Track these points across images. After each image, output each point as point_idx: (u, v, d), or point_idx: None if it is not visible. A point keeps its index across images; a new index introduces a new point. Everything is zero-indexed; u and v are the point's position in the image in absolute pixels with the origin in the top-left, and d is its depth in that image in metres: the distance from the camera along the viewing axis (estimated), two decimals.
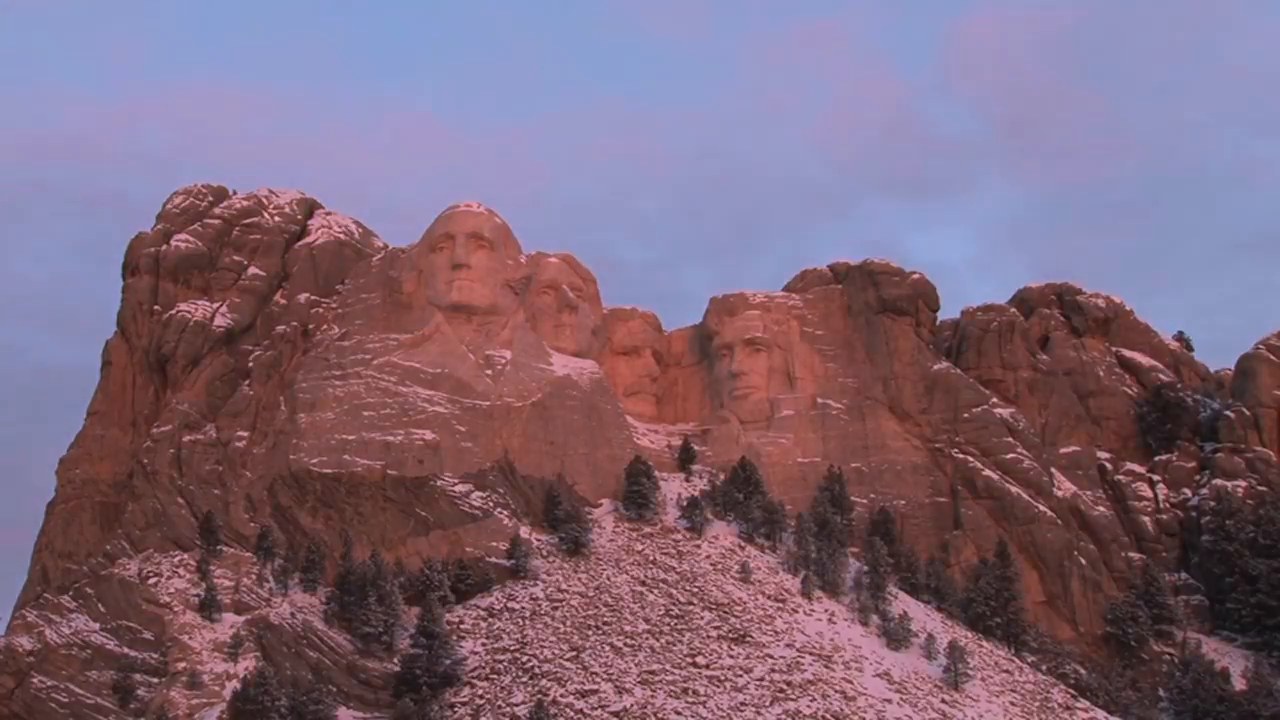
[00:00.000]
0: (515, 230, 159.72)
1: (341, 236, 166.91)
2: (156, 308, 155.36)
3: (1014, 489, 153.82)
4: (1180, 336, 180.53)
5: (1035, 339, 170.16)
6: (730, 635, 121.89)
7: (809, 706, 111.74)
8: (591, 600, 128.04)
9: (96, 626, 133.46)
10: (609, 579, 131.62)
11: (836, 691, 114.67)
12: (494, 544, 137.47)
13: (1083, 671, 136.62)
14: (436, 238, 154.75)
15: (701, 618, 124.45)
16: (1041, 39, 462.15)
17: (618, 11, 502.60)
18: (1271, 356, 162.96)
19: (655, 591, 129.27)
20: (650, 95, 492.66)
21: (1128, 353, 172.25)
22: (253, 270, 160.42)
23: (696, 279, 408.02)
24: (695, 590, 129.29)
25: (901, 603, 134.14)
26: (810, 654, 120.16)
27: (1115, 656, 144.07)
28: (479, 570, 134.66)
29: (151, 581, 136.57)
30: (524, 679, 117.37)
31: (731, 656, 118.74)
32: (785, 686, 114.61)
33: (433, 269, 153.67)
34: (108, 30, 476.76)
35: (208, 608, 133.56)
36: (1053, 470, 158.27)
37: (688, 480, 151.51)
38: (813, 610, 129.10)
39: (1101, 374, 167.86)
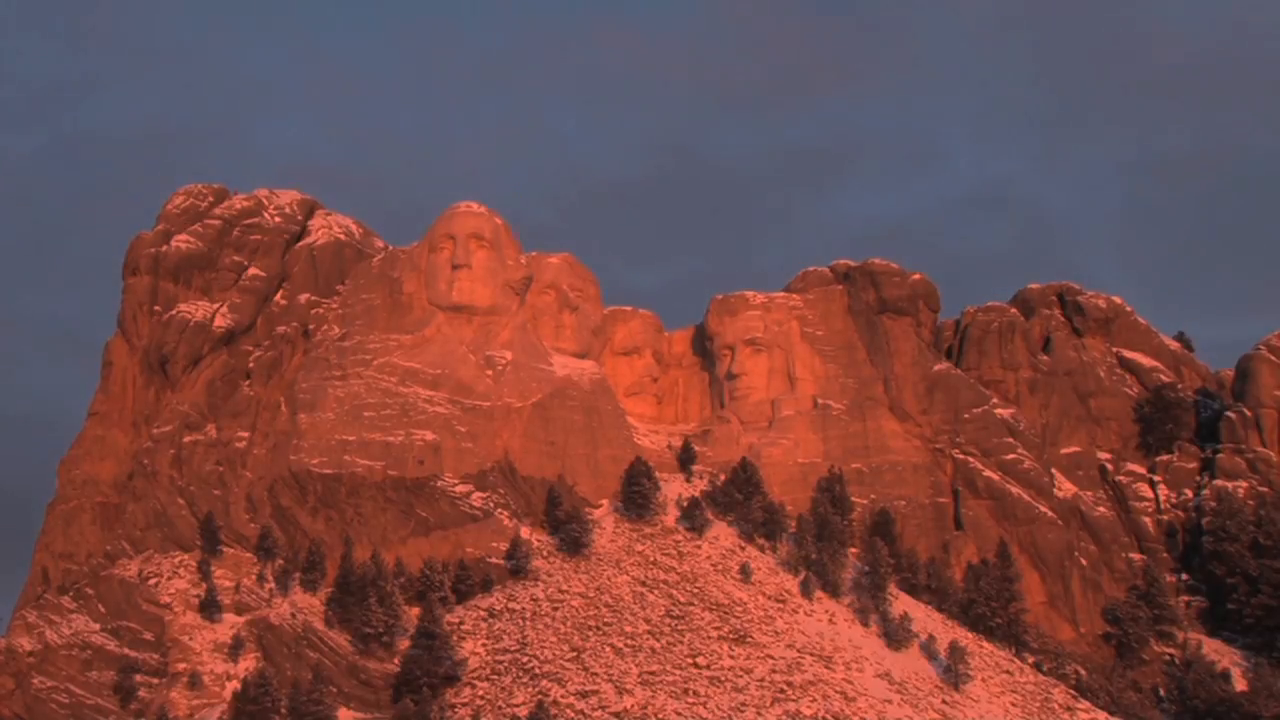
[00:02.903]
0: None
1: (342, 236, 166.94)
2: (157, 308, 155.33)
3: (1015, 489, 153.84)
4: (1181, 336, 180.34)
5: (1036, 339, 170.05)
6: (731, 636, 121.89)
7: (809, 707, 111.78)
8: (592, 601, 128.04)
9: (97, 627, 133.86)
10: (609, 580, 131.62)
11: (837, 692, 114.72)
12: (494, 544, 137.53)
13: (1083, 672, 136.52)
14: (437, 238, 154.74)
15: (702, 618, 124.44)
16: None
17: None
18: (1272, 357, 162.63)
19: (656, 592, 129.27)
20: None
21: (1128, 353, 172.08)
22: (253, 270, 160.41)
23: None
24: (695, 591, 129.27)
25: (902, 603, 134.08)
26: (811, 655, 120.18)
27: (1116, 657, 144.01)
28: (479, 571, 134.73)
29: (152, 582, 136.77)
30: (524, 680, 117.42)
31: (732, 657, 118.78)
32: (786, 687, 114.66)
33: (433, 269, 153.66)
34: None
35: (208, 608, 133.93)
36: (1053, 471, 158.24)
37: (688, 481, 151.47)
38: (813, 611, 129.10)
39: (1102, 374, 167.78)
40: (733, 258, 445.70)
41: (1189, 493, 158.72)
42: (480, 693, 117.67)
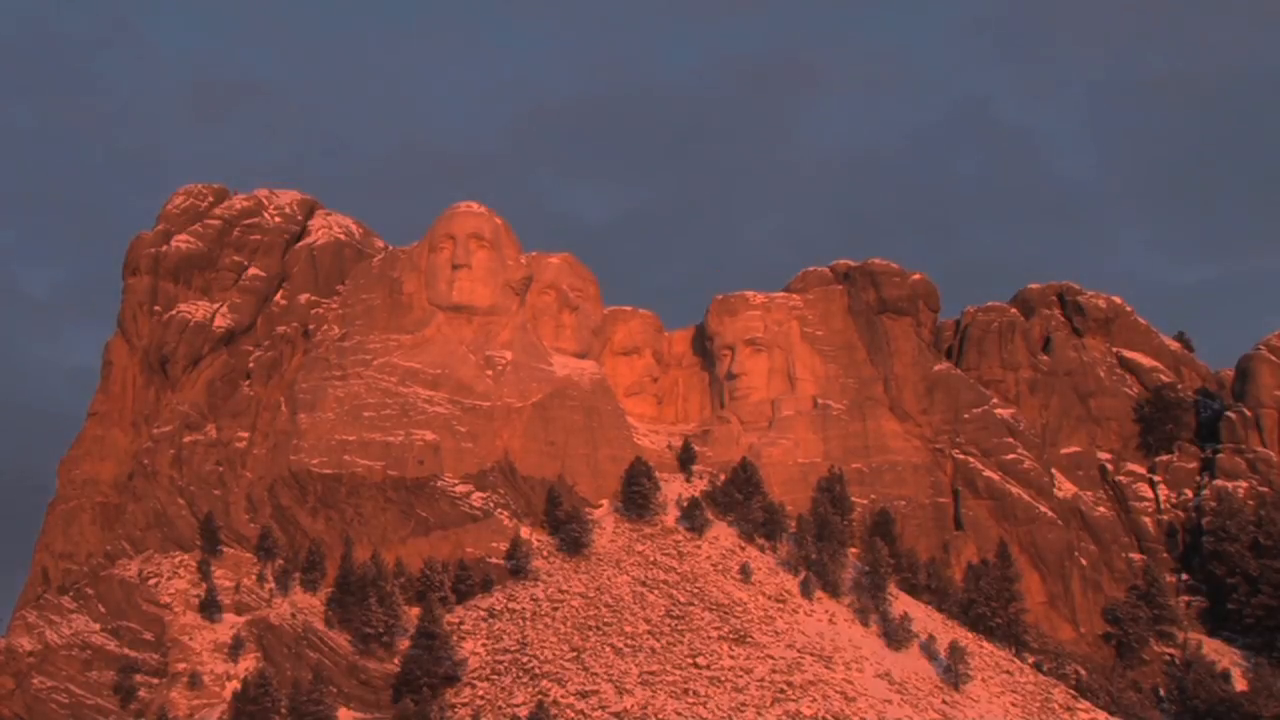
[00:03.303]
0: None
1: (342, 236, 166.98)
2: (157, 308, 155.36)
3: (1015, 489, 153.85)
4: (1181, 336, 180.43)
5: (1036, 339, 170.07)
6: (731, 636, 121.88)
7: (809, 707, 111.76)
8: (592, 601, 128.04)
9: (97, 627, 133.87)
10: (609, 580, 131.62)
11: (837, 692, 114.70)
12: (494, 544, 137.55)
13: (1083, 672, 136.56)
14: (437, 238, 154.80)
15: (702, 618, 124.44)
16: None
17: None
18: (1272, 356, 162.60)
19: (656, 592, 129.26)
20: None
21: (1128, 353, 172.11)
22: (253, 270, 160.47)
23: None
24: (696, 591, 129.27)
25: (902, 603, 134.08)
26: (811, 655, 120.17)
27: (1116, 657, 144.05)
28: (479, 571, 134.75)
29: (152, 582, 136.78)
30: (524, 680, 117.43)
31: (732, 657, 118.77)
32: (786, 687, 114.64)
33: (433, 269, 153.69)
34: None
35: (208, 608, 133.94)
36: (1053, 471, 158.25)
37: (688, 481, 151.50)
38: (813, 611, 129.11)
39: (1102, 374, 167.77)
40: (692, 190, 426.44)
41: (1189, 493, 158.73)
42: (480, 693, 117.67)
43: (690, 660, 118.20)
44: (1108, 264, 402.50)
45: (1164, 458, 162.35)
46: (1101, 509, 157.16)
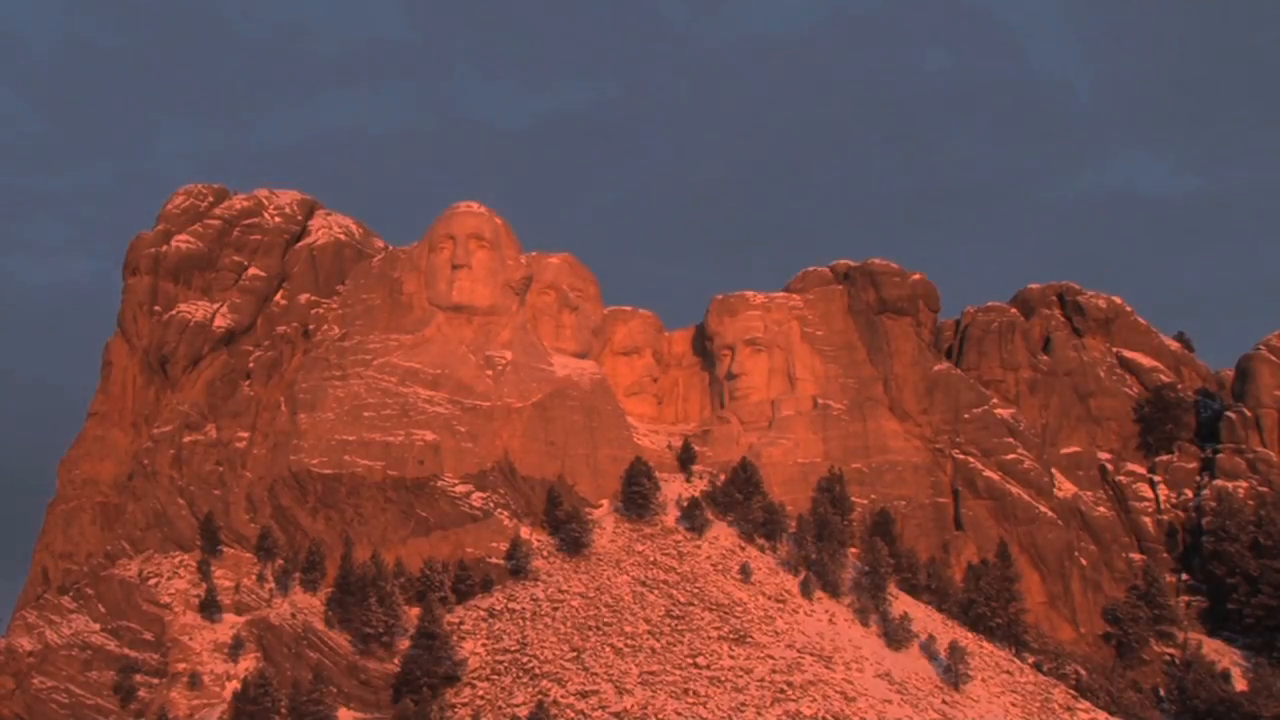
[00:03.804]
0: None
1: (342, 236, 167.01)
2: (157, 308, 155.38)
3: (1015, 489, 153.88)
4: (1181, 336, 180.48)
5: (1036, 339, 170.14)
6: (731, 636, 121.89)
7: (809, 707, 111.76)
8: (592, 601, 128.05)
9: (97, 627, 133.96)
10: (609, 580, 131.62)
11: (837, 692, 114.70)
12: (494, 544, 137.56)
13: (1083, 672, 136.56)
14: (437, 238, 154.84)
15: (702, 618, 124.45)
16: None
17: None
18: (1272, 357, 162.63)
19: (656, 592, 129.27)
20: None
21: (1128, 353, 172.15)
22: (253, 270, 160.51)
23: None
24: (695, 591, 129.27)
25: (902, 603, 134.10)
26: (811, 655, 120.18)
27: (1116, 657, 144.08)
28: (479, 571, 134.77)
29: (152, 582, 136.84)
30: (524, 680, 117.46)
31: (732, 657, 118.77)
32: (786, 687, 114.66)
33: (433, 269, 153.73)
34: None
35: (208, 608, 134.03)
36: (1053, 471, 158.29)
37: (688, 481, 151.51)
38: (813, 611, 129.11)
39: (1102, 374, 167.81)
40: (618, 86, 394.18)
41: (1189, 493, 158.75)
42: (480, 693, 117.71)
43: (690, 660, 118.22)
44: (1094, 177, 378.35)
45: (1164, 458, 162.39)
46: (1101, 509, 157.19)
